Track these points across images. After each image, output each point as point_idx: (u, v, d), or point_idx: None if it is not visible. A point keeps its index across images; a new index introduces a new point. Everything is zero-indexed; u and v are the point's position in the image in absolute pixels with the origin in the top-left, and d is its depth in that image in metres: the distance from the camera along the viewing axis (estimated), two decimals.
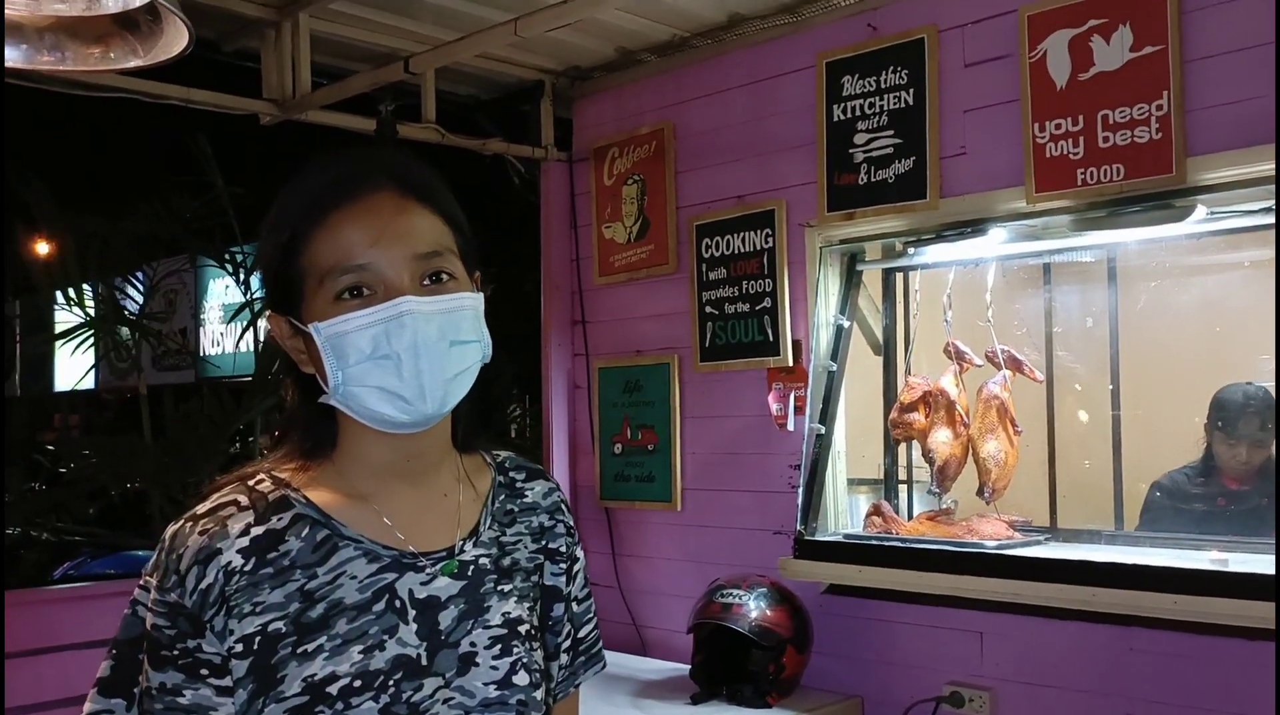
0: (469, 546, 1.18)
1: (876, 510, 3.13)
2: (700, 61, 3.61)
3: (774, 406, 3.37)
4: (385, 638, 1.09)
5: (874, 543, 3.00)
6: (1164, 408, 3.08)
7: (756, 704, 2.97)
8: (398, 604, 1.11)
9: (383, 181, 1.13)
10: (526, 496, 1.28)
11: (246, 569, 1.06)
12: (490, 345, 1.16)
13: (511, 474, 1.29)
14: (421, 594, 1.13)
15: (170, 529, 1.10)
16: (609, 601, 3.76)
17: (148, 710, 1.05)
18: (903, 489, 3.36)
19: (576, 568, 1.31)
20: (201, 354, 10.42)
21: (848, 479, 3.30)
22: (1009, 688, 2.88)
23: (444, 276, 1.12)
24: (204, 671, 1.04)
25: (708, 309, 3.55)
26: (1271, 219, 2.55)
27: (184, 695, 1.04)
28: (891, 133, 3.11)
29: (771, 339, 3.38)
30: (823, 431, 3.19)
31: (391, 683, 1.07)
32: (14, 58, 1.57)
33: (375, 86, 3.32)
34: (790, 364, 3.34)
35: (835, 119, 3.23)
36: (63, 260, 2.59)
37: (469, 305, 1.14)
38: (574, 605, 1.32)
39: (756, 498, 3.42)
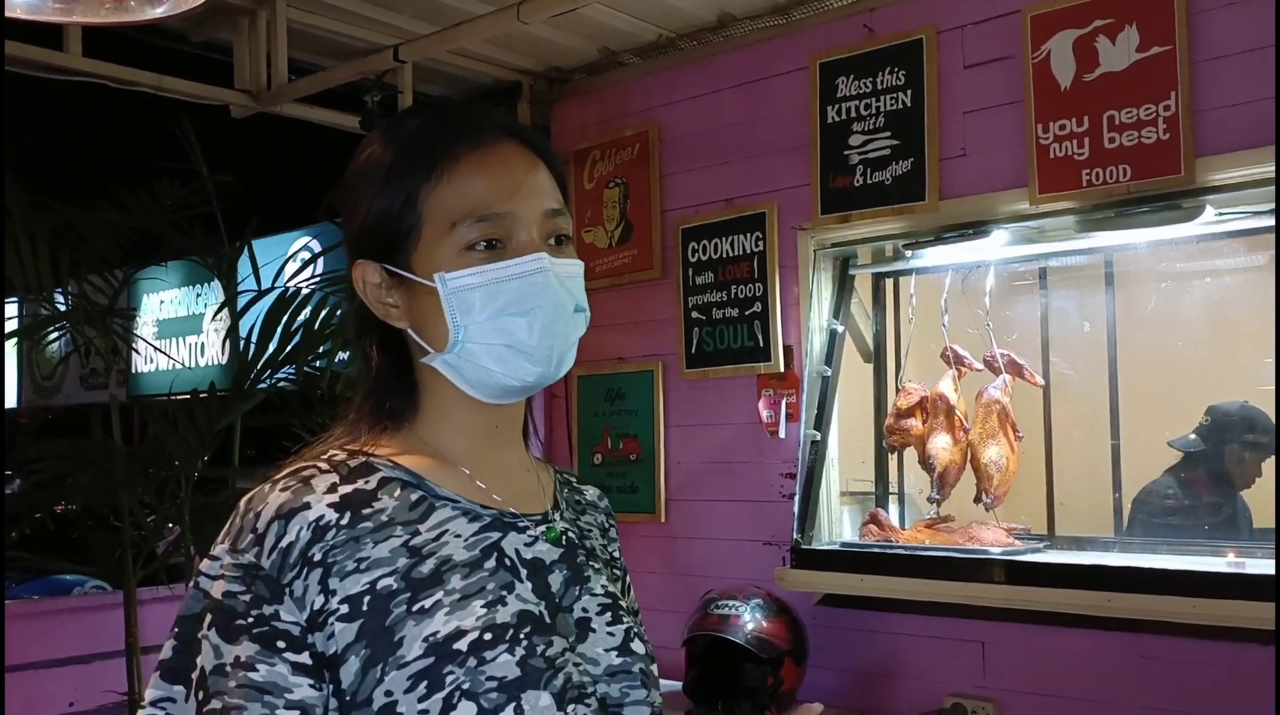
0: (557, 518, 1.12)
1: (874, 518, 3.06)
2: (686, 63, 3.54)
3: (764, 414, 3.30)
4: (505, 593, 1.00)
5: (875, 551, 2.93)
6: (1163, 413, 3.06)
7: None
8: (508, 562, 1.03)
9: (506, 133, 1.07)
10: (585, 495, 1.24)
11: (343, 523, 0.97)
12: (589, 316, 1.11)
13: (565, 475, 1.24)
14: (527, 554, 1.05)
15: (246, 496, 1.00)
16: None
17: (218, 691, 0.91)
18: (893, 499, 3.30)
19: (629, 580, 1.26)
20: (134, 372, 10.06)
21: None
22: (1013, 698, 2.82)
23: (565, 238, 1.08)
24: (280, 644, 0.92)
25: (694, 314, 3.47)
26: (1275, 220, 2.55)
27: (258, 670, 0.91)
28: (889, 134, 3.06)
29: (762, 344, 3.30)
30: (818, 438, 3.12)
31: (522, 635, 0.98)
32: (18, 5, 1.44)
33: (360, 76, 3.19)
34: (781, 370, 3.27)
35: (829, 121, 3.18)
36: (34, 254, 2.41)
37: (581, 272, 1.09)
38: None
39: (746, 507, 3.33)
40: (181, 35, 3.35)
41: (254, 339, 2.73)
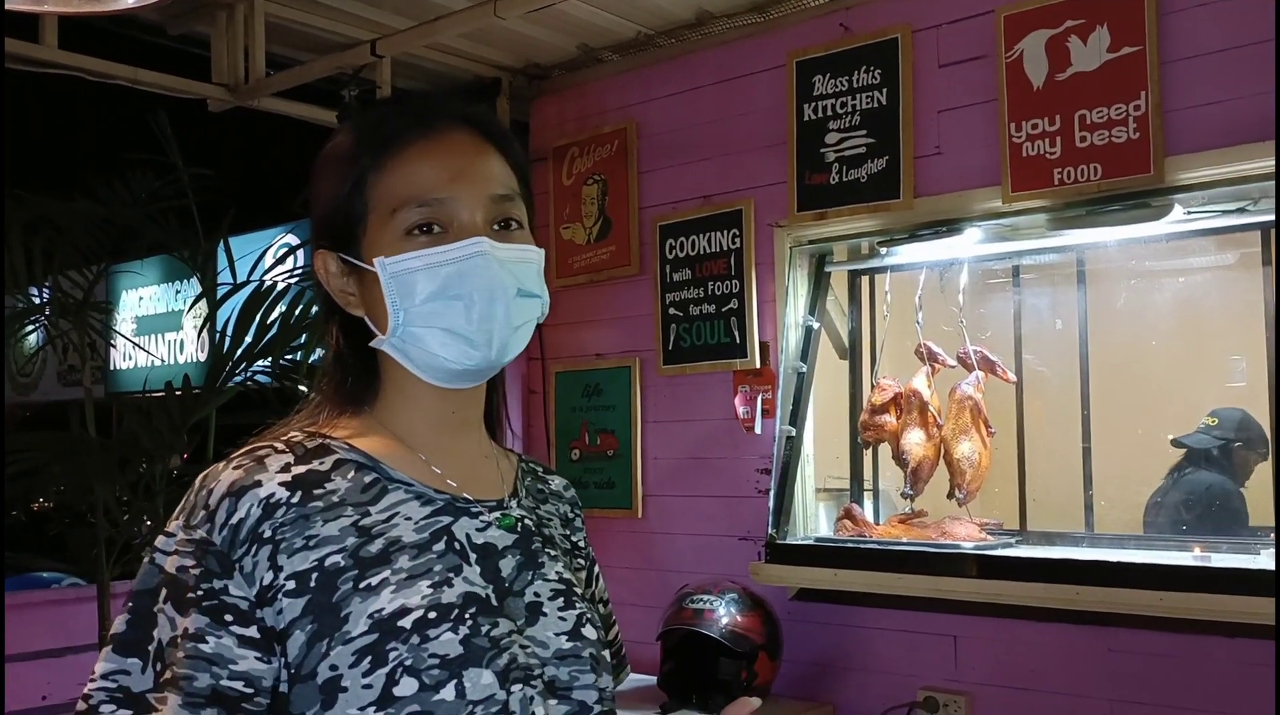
0: (514, 505, 1.13)
1: (848, 514, 3.08)
2: (665, 60, 3.56)
3: (740, 409, 3.31)
4: (451, 575, 1.01)
5: (849, 545, 2.95)
6: (1133, 410, 3.09)
7: None
8: (457, 546, 1.04)
9: (459, 121, 1.09)
10: (551, 484, 1.25)
11: (294, 501, 0.99)
12: (548, 304, 1.12)
13: (530, 464, 1.26)
14: (479, 539, 1.06)
15: (201, 474, 1.03)
16: None
17: (170, 661, 0.94)
18: (869, 494, 3.32)
19: (597, 569, 1.29)
20: (112, 368, 9.99)
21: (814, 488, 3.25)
22: (985, 691, 2.84)
23: (514, 223, 1.09)
24: (228, 617, 0.95)
25: (671, 311, 3.48)
26: (1246, 219, 2.59)
27: (207, 642, 0.94)
28: (864, 132, 3.09)
29: (738, 341, 3.32)
30: (793, 433, 3.14)
31: (468, 615, 0.99)
32: None
33: (337, 70, 3.19)
34: (758, 366, 3.28)
35: (806, 118, 3.20)
36: (7, 246, 2.40)
37: (535, 258, 1.10)
38: (599, 606, 1.27)
39: (722, 503, 3.35)
40: (159, 29, 3.34)
41: (230, 332, 2.74)
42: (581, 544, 1.25)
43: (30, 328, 2.91)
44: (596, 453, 3.65)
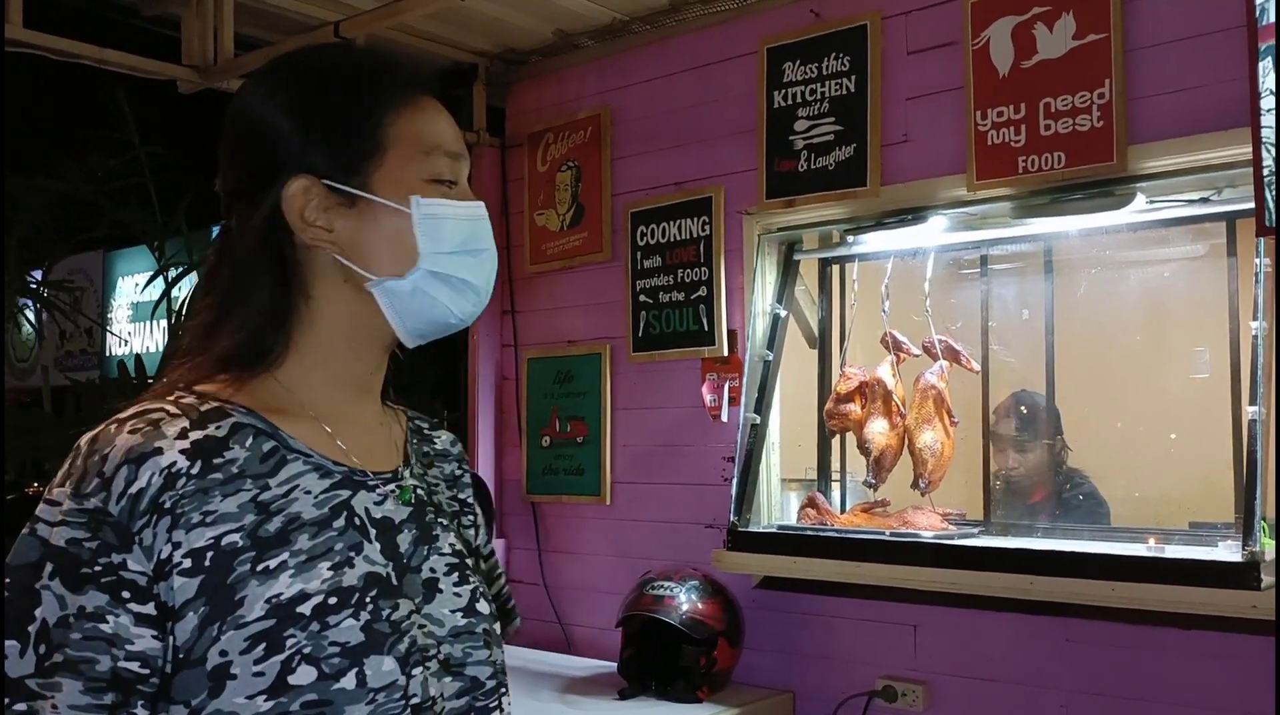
0: (407, 475, 1.11)
1: (811, 502, 3.07)
2: (640, 46, 3.54)
3: (707, 397, 3.31)
4: (352, 554, 0.99)
5: (809, 533, 2.94)
6: (1098, 399, 3.07)
7: (687, 698, 2.88)
8: (357, 521, 1.02)
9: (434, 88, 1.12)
10: (436, 443, 1.22)
11: (194, 472, 0.93)
12: None
13: (417, 421, 1.23)
14: (377, 513, 1.04)
15: (86, 436, 0.96)
16: (534, 599, 3.64)
17: (61, 643, 0.87)
18: (835, 484, 3.31)
19: (480, 521, 1.26)
20: (108, 354, 10.03)
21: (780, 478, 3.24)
22: (943, 681, 2.83)
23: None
24: (126, 594, 0.89)
25: (642, 298, 3.47)
26: (1211, 209, 2.57)
27: (107, 621, 0.88)
28: (833, 119, 3.07)
29: (707, 329, 3.31)
30: (758, 421, 3.13)
31: (369, 599, 0.97)
32: None
33: None
34: (725, 354, 3.27)
35: (776, 105, 3.19)
36: None
37: None
38: (483, 561, 1.26)
39: (689, 490, 3.34)
40: (132, 9, 3.33)
41: (184, 312, 2.74)
42: (469, 499, 1.23)
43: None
44: (567, 439, 3.64)
